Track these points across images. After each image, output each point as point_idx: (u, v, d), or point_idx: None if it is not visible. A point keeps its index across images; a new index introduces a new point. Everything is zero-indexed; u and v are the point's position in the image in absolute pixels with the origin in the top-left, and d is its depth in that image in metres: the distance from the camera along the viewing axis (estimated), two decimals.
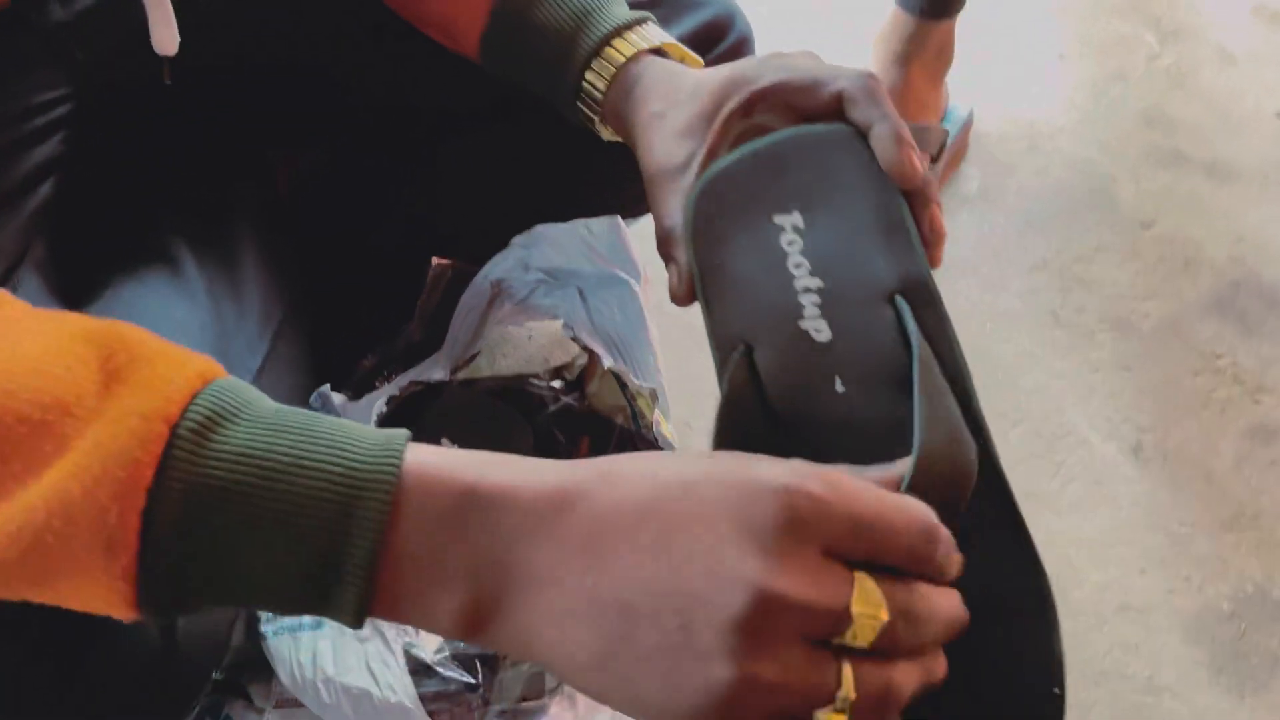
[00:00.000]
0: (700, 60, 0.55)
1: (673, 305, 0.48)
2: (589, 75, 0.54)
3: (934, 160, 1.06)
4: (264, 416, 0.34)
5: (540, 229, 0.77)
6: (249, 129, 0.73)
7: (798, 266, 0.44)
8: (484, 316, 0.77)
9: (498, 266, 0.76)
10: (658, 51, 0.54)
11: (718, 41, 0.71)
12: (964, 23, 1.05)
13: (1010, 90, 1.17)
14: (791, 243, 0.45)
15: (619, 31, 0.54)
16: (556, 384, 0.81)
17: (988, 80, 1.18)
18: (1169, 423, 0.91)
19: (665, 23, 0.70)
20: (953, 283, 1.00)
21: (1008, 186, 1.08)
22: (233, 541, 0.33)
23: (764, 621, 0.30)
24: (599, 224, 0.82)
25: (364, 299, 0.79)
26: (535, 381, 0.80)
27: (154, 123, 0.69)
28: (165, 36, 0.61)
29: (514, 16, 0.57)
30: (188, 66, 0.67)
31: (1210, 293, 1.00)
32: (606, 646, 0.32)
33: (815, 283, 0.44)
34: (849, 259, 0.44)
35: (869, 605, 0.32)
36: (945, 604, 0.34)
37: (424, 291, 0.76)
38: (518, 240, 0.76)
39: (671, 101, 0.51)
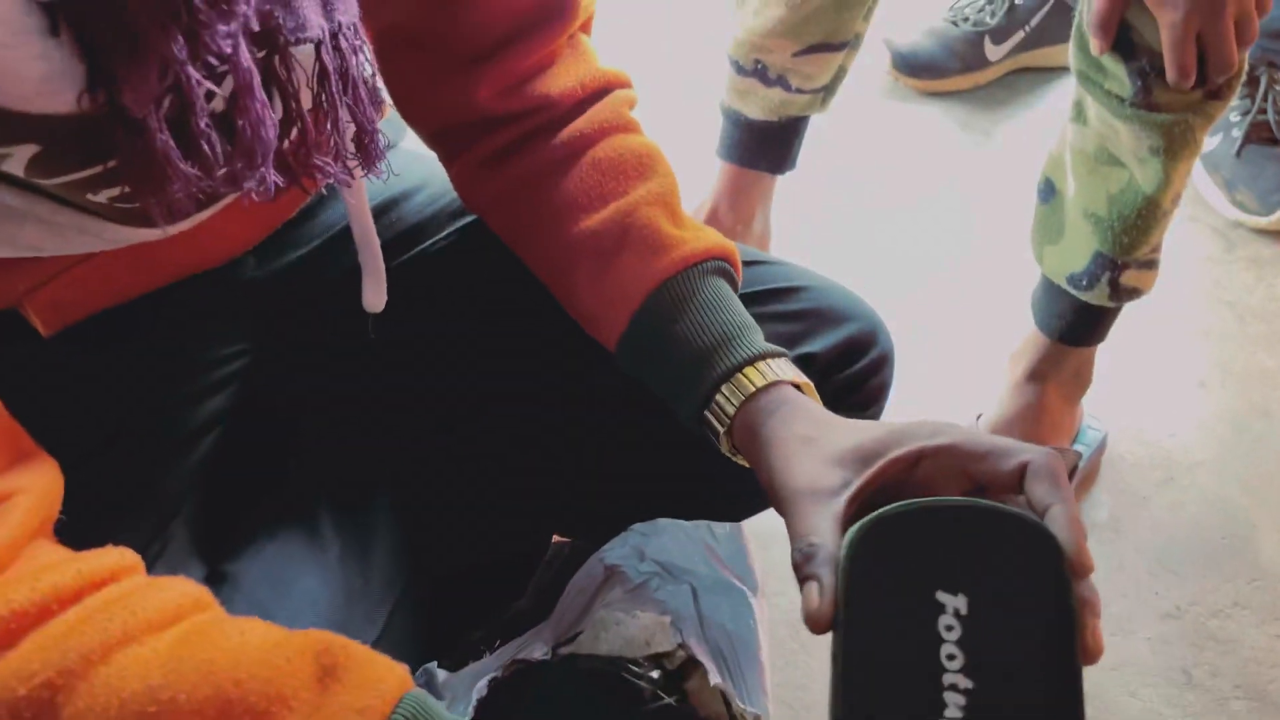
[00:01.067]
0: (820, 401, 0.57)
1: (778, 602, 0.46)
2: (723, 392, 0.56)
3: None
4: None
5: (662, 521, 0.77)
6: (398, 390, 0.76)
7: (950, 659, 0.42)
8: (594, 598, 0.77)
9: (614, 551, 0.76)
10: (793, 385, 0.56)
11: (860, 356, 0.72)
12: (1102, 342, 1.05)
13: (1147, 416, 1.15)
14: (950, 628, 0.42)
15: (756, 360, 0.56)
16: (655, 674, 0.79)
17: (1124, 403, 1.16)
18: None
19: (809, 335, 0.71)
20: None
21: (1140, 519, 1.05)
22: None
23: None
24: (722, 528, 0.82)
25: (481, 574, 0.79)
26: (634, 668, 0.78)
27: (319, 380, 0.73)
28: (374, 294, 0.65)
29: (654, 327, 0.59)
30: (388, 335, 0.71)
31: None
32: None
33: (967, 683, 0.41)
34: (1008, 670, 0.42)
35: None
36: None
37: (541, 567, 0.76)
38: (638, 527, 0.76)
39: (825, 431, 0.52)
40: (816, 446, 0.51)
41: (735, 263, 0.63)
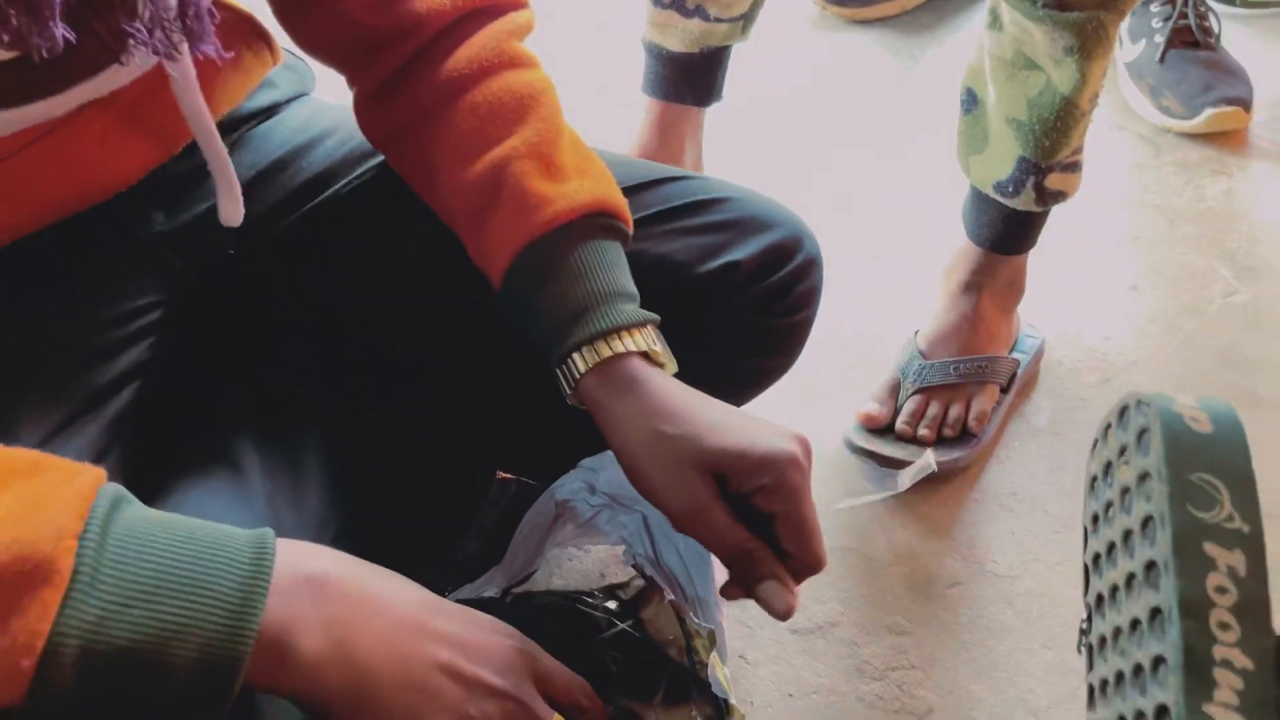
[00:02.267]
0: (675, 364, 0.62)
1: None
2: (574, 359, 0.60)
3: (1004, 391, 1.05)
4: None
5: (610, 453, 0.77)
6: (325, 331, 0.76)
7: None
8: (546, 535, 0.77)
9: (564, 487, 0.76)
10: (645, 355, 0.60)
11: (786, 262, 0.73)
12: (1035, 250, 1.06)
13: (1082, 321, 1.17)
14: None
15: (609, 333, 0.59)
16: (611, 604, 0.79)
17: (1059, 310, 1.18)
18: None
19: (732, 244, 0.71)
20: (1022, 520, 0.98)
21: (1079, 421, 1.07)
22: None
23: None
24: None
25: (422, 512, 0.79)
26: (589, 600, 0.78)
27: (236, 330, 0.72)
28: (231, 209, 0.65)
29: (523, 287, 0.62)
30: (271, 263, 0.70)
31: None
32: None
33: None
34: None
35: None
36: None
37: (485, 505, 0.76)
38: (586, 462, 0.76)
39: (674, 427, 0.58)
40: (670, 448, 0.57)
41: (617, 212, 0.63)
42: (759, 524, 0.57)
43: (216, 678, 0.43)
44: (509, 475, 0.79)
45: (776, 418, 1.09)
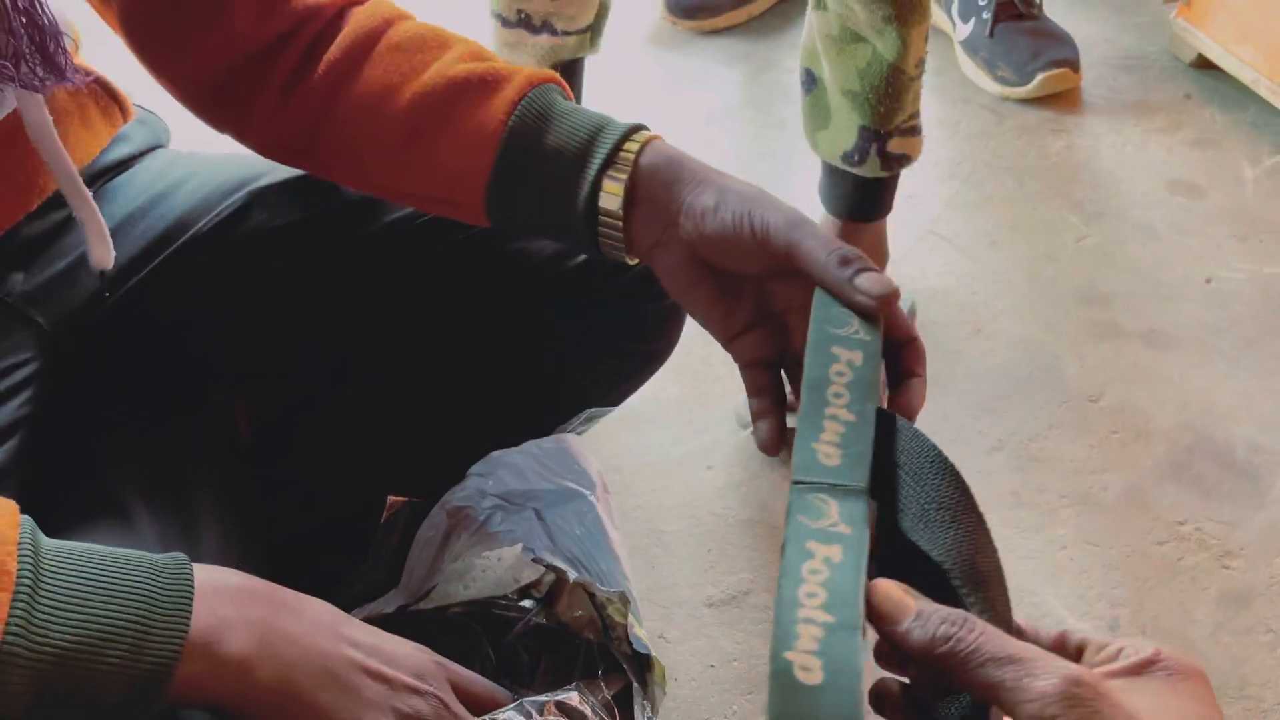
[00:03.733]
0: None
1: (635, 515, 0.50)
2: (610, 174, 0.56)
3: None
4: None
5: (496, 455, 0.78)
6: (206, 373, 0.76)
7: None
8: (441, 548, 0.78)
9: (455, 496, 0.77)
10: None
11: None
12: (893, 217, 1.11)
13: (949, 279, 1.23)
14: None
15: (630, 134, 0.57)
16: (526, 603, 0.81)
17: (927, 271, 1.23)
18: (1141, 595, 0.91)
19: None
20: None
21: (956, 372, 1.12)
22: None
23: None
24: (547, 442, 0.84)
25: (318, 541, 0.80)
26: (502, 602, 0.79)
27: (112, 378, 0.72)
28: (101, 251, 0.65)
29: (524, 148, 0.58)
30: (144, 311, 0.70)
31: (1166, 460, 1.02)
32: None
33: None
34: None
35: None
36: None
37: (381, 530, 0.77)
38: (475, 469, 0.77)
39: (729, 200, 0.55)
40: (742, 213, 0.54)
41: (562, 84, 0.62)
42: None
43: (149, 683, 0.44)
44: (400, 498, 0.80)
45: (675, 407, 1.12)
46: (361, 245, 0.73)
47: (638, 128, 0.58)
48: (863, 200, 1.07)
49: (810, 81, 1.05)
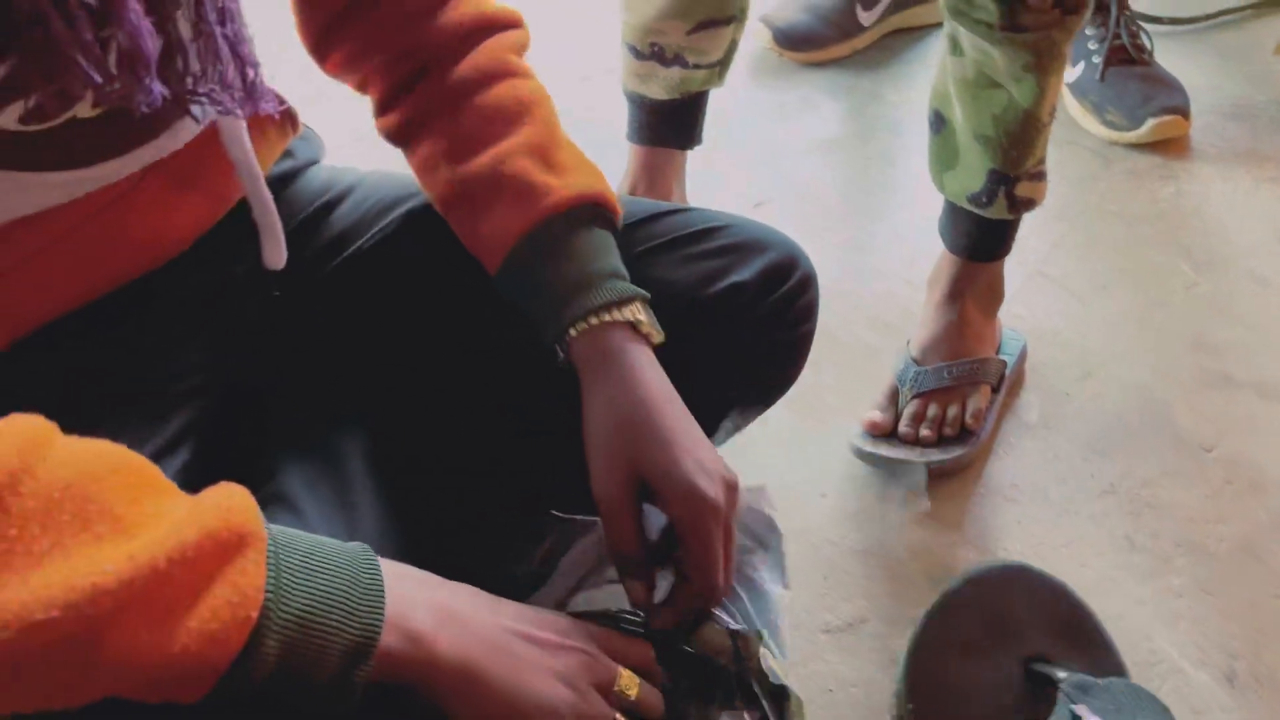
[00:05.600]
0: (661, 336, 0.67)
1: None
2: (571, 331, 0.65)
3: (995, 390, 1.11)
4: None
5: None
6: (361, 382, 0.80)
7: None
8: (596, 568, 0.80)
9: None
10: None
11: (785, 279, 0.78)
12: (1010, 259, 1.13)
13: (1060, 321, 1.24)
14: None
15: (601, 309, 0.65)
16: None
17: (1037, 313, 1.25)
18: (1259, 647, 0.91)
19: (735, 266, 0.77)
20: (1025, 508, 1.03)
21: (1067, 413, 1.13)
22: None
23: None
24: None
25: (471, 542, 0.83)
26: (631, 618, 0.82)
27: (280, 385, 0.76)
28: (274, 252, 0.70)
29: (523, 270, 0.67)
30: (308, 320, 0.74)
31: None
32: None
33: None
34: None
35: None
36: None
37: (545, 541, 0.80)
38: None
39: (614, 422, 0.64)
40: (617, 438, 0.63)
41: (609, 204, 0.69)
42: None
43: (359, 653, 0.47)
44: (562, 515, 0.83)
45: (790, 435, 1.14)
46: None
47: (610, 305, 0.65)
48: (984, 240, 1.09)
49: (939, 122, 1.08)
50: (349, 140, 1.06)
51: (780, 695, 0.75)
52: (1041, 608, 0.89)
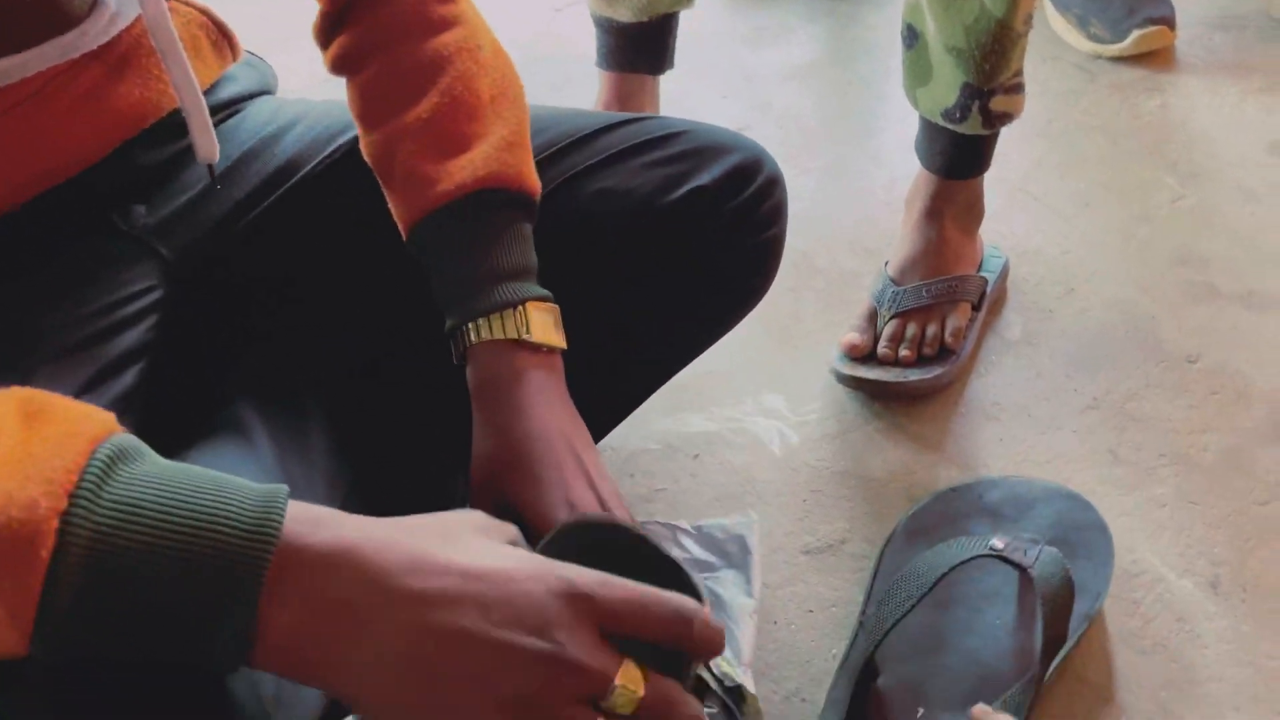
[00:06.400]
0: (563, 344, 0.65)
1: (730, 465, 0.51)
2: (467, 329, 0.64)
3: (975, 309, 1.09)
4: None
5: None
6: (318, 313, 0.78)
7: None
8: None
9: None
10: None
11: (749, 182, 0.76)
12: (991, 176, 1.11)
13: (1042, 238, 1.22)
14: None
15: (485, 314, 0.63)
16: None
17: (1019, 230, 1.23)
18: (1244, 554, 0.91)
19: (695, 170, 0.75)
20: (1007, 426, 1.02)
21: (1050, 330, 1.11)
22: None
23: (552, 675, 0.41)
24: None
25: (429, 469, 0.82)
26: None
27: (234, 310, 0.75)
28: (205, 144, 0.68)
29: (419, 257, 0.67)
30: (259, 248, 0.73)
31: (1266, 422, 1.01)
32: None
33: None
34: None
35: (630, 681, 0.42)
36: (691, 703, 0.44)
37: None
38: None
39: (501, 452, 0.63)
40: (488, 478, 0.62)
41: (510, 183, 0.65)
42: None
43: (237, 584, 0.39)
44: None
45: (764, 361, 1.13)
46: None
47: (495, 309, 0.63)
48: (961, 157, 1.07)
49: (912, 37, 1.05)
50: (316, 83, 1.03)
51: (737, 695, 0.75)
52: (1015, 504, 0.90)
